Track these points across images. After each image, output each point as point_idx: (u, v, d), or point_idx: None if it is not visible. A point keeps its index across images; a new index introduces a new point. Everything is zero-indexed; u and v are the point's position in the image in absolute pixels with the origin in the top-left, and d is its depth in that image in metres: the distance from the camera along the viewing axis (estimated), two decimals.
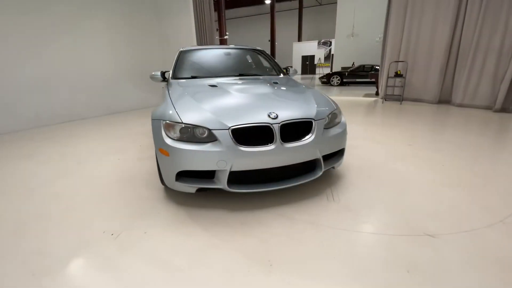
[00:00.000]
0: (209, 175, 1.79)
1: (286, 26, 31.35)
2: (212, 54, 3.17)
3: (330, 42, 24.70)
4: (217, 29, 18.31)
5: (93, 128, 4.71)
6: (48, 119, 5.17)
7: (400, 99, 6.76)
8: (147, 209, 1.91)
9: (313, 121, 1.84)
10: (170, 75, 2.84)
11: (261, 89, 2.25)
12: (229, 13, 30.24)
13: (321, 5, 28.81)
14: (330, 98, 2.31)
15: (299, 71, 28.26)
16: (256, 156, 1.67)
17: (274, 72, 3.11)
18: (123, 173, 2.58)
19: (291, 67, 3.38)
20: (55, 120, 5.28)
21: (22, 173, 2.67)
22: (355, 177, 2.34)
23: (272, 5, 22.69)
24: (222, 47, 3.29)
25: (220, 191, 1.85)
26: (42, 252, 1.49)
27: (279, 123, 1.72)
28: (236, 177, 1.80)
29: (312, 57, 26.52)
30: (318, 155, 1.87)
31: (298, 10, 27.65)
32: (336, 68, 16.24)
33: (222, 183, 1.73)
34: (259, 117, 1.74)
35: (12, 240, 1.61)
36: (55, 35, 5.18)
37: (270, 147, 1.69)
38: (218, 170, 1.72)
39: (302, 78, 20.62)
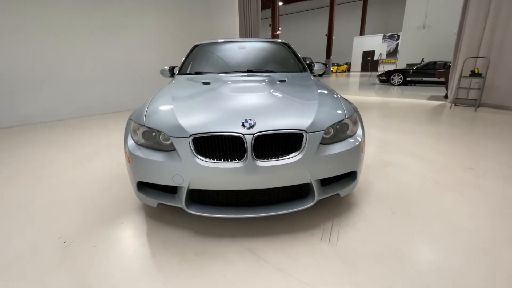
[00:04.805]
0: (172, 189, 1.52)
1: (346, 19, 29.15)
2: (226, 49, 2.87)
3: (398, 36, 21.98)
4: (270, 25, 18.03)
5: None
6: (98, 109, 5.72)
7: (475, 104, 5.39)
8: (113, 216, 1.74)
9: (304, 133, 1.38)
10: (177, 71, 2.66)
11: (256, 88, 1.85)
12: (286, 8, 29.59)
13: None
14: (348, 102, 1.77)
15: (359, 67, 26.02)
16: (219, 173, 1.32)
17: (293, 68, 2.64)
18: (121, 168, 2.51)
19: (323, 63, 2.86)
20: (103, 110, 5.79)
21: (40, 160, 2.85)
22: (373, 210, 1.77)
23: None
24: (238, 40, 2.96)
25: None
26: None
27: (253, 134, 1.33)
28: (201, 196, 1.49)
29: (375, 52, 24.02)
30: (309, 179, 1.41)
31: (362, 1, 25.35)
32: (401, 65, 14.26)
33: (181, 201, 1.43)
34: (231, 125, 1.37)
35: None
36: (107, 33, 5.63)
37: (237, 164, 1.32)
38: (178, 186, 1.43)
39: (361, 76, 18.85)
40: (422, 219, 1.66)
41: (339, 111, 1.58)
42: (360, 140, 1.57)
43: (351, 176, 1.64)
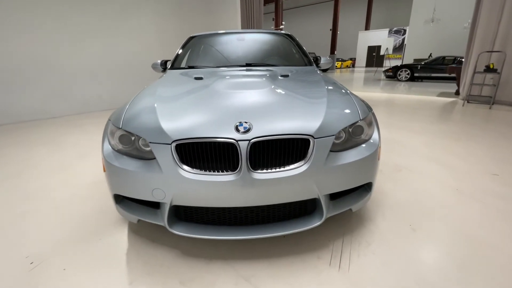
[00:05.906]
0: (155, 204, 1.30)
1: (351, 14, 28.55)
2: (223, 41, 2.61)
3: (404, 31, 21.44)
4: (273, 19, 17.68)
5: None
6: (94, 106, 5.52)
7: (490, 101, 5.08)
8: (92, 230, 1.53)
9: (310, 139, 1.14)
10: (169, 65, 2.43)
11: (255, 84, 1.61)
12: (289, 2, 29.06)
13: None
14: (361, 101, 1.52)
15: (364, 63, 25.53)
16: (207, 188, 1.09)
17: (297, 62, 2.39)
18: None
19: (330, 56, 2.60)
20: (99, 107, 5.59)
21: (24, 162, 2.64)
22: (389, 226, 1.53)
23: None
24: (237, 31, 2.71)
25: None
26: None
27: (249, 140, 1.09)
28: (187, 212, 1.27)
29: (380, 47, 23.51)
30: (316, 194, 1.17)
31: None
32: (408, 60, 13.85)
33: (163, 219, 1.21)
34: (223, 129, 1.14)
35: None
36: (103, 27, 5.39)
37: (230, 176, 1.09)
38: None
39: (366, 71, 18.43)
40: (448, 238, 1.43)
41: (352, 112, 1.34)
42: (376, 145, 1.33)
43: (364, 187, 1.40)
